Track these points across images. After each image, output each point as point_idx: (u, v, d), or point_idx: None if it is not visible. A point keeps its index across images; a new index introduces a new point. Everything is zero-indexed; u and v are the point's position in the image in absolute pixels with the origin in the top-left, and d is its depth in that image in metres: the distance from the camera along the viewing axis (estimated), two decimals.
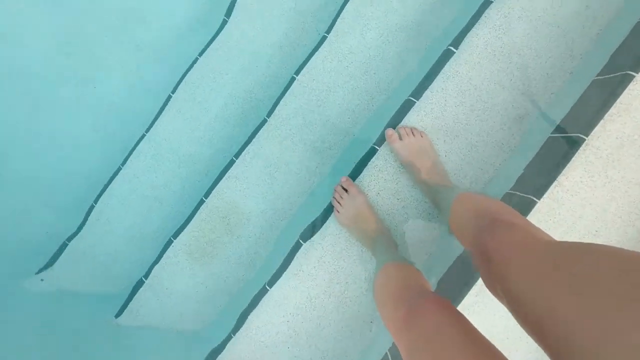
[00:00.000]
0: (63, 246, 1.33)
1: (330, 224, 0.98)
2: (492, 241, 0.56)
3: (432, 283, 0.90)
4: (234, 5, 1.33)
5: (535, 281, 0.44)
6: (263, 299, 0.98)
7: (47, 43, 1.42)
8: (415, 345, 0.51)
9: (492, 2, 0.93)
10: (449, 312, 0.52)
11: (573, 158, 0.82)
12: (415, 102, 0.96)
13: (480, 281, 0.82)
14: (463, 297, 0.85)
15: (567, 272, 0.40)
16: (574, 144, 0.82)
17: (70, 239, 1.34)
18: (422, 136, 0.92)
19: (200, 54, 1.35)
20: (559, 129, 0.87)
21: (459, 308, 0.85)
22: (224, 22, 1.35)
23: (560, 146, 0.84)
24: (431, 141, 0.94)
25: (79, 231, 1.34)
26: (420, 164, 0.89)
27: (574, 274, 0.39)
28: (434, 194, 0.88)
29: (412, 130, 0.93)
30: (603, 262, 0.38)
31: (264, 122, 1.19)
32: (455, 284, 0.86)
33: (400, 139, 0.92)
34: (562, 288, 0.39)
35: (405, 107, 0.97)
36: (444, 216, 0.81)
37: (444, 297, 0.57)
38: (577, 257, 0.42)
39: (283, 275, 0.97)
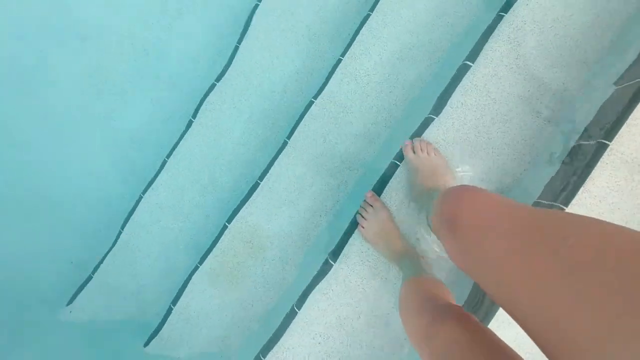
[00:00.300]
0: (89, 277, 1.33)
1: (356, 241, 0.97)
2: (458, 204, 0.50)
3: (458, 297, 0.89)
4: (246, 31, 1.36)
5: (515, 253, 0.36)
6: (292, 321, 0.97)
7: (70, 76, 1.47)
8: (436, 356, 0.49)
9: (504, 16, 0.95)
10: (471, 324, 0.51)
11: (598, 164, 0.82)
12: (434, 119, 0.96)
13: None
14: (494, 312, 0.83)
15: (557, 245, 0.32)
16: (598, 150, 0.82)
17: (95, 269, 1.34)
18: (435, 154, 0.91)
19: (218, 80, 1.37)
20: (581, 136, 0.87)
21: (492, 321, 0.84)
22: (236, 49, 1.38)
23: (585, 153, 0.84)
24: (445, 160, 0.92)
25: (104, 261, 1.34)
26: (428, 180, 0.88)
27: (568, 247, 0.31)
28: (422, 197, 0.85)
29: (428, 147, 0.92)
30: (604, 236, 0.31)
31: (284, 145, 1.20)
32: (481, 300, 0.85)
33: (414, 152, 0.92)
34: (551, 264, 0.32)
35: (426, 122, 0.98)
36: (428, 214, 0.77)
37: (466, 311, 0.55)
38: (571, 228, 0.33)
39: (311, 296, 0.96)
